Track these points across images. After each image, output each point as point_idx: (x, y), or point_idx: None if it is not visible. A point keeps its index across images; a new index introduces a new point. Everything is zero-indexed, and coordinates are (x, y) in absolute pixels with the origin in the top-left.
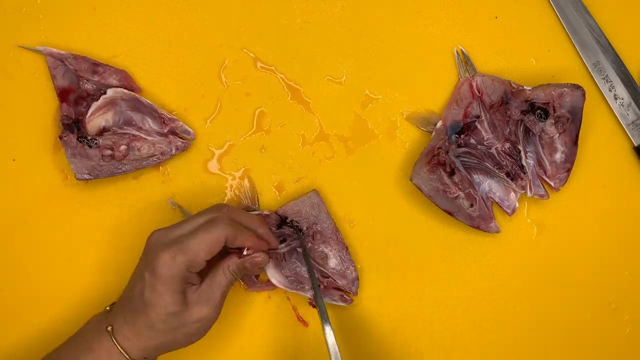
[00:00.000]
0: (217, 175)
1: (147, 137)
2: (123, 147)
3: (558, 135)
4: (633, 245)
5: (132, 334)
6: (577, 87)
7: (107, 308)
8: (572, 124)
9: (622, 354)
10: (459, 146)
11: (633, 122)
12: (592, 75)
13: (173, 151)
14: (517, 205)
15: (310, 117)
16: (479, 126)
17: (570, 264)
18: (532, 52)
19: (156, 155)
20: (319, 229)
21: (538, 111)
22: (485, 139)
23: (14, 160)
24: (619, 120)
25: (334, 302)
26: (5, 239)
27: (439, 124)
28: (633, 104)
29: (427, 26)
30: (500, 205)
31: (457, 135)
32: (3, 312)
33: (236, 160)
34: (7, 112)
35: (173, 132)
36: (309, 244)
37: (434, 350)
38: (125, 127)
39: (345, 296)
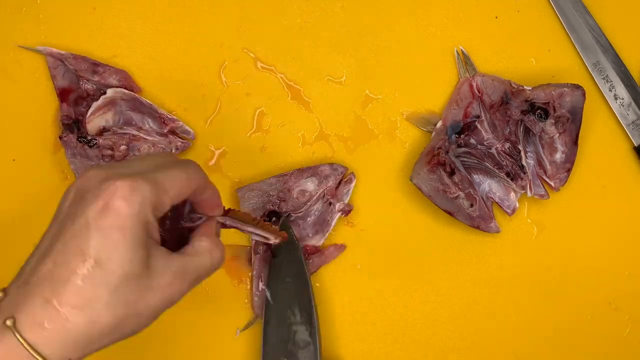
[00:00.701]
0: (217, 175)
1: (147, 137)
2: (123, 147)
3: (558, 135)
4: (633, 245)
5: (55, 319)
6: (577, 87)
7: (0, 295)
8: (572, 123)
9: (622, 354)
10: (459, 146)
11: (633, 122)
12: (592, 75)
13: (173, 151)
14: (517, 205)
15: (310, 117)
16: (479, 126)
17: (570, 264)
18: (532, 52)
19: None
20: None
21: (538, 111)
22: (485, 139)
23: (14, 160)
24: (619, 120)
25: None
26: (5, 238)
27: (439, 124)
28: (633, 104)
29: (427, 26)
30: (500, 205)
31: (457, 135)
32: None
33: (236, 160)
34: (7, 112)
35: (173, 132)
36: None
37: (433, 350)
38: (125, 127)
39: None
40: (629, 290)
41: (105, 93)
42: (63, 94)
